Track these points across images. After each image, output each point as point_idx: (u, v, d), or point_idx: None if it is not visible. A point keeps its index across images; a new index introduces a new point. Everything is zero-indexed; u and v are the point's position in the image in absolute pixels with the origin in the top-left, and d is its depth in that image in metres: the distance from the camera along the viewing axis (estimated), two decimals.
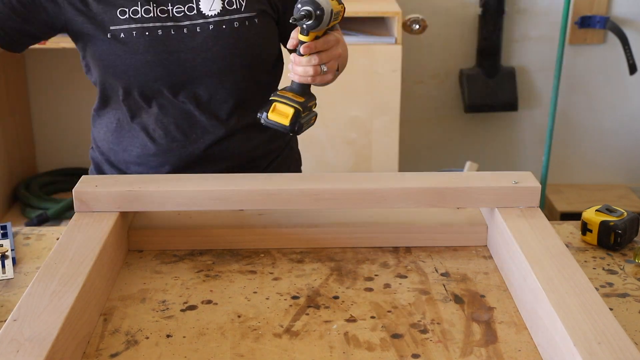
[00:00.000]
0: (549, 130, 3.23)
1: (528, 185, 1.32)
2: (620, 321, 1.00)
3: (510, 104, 3.44)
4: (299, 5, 1.28)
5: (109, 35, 1.48)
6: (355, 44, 2.90)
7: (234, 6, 1.51)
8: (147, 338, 1.09)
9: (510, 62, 3.46)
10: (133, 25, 1.48)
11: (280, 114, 1.34)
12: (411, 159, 3.58)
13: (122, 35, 1.48)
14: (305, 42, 1.33)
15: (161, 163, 1.57)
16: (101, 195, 1.29)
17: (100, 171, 1.66)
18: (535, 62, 3.46)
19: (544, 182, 3.27)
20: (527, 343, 1.09)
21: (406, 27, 3.10)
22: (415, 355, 1.05)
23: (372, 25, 3.11)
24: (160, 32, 1.48)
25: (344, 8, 1.37)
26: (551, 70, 3.37)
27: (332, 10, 1.30)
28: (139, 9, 1.48)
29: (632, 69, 3.26)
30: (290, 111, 1.34)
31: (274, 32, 1.59)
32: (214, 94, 1.54)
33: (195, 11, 1.50)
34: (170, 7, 1.49)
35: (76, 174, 3.32)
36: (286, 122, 1.34)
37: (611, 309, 1.05)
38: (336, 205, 1.32)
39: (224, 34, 1.50)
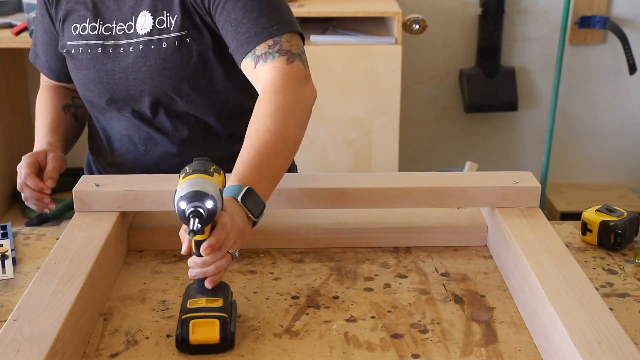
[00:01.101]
0: (549, 130, 3.23)
1: (528, 185, 1.32)
2: (620, 321, 1.00)
3: (510, 104, 3.44)
4: (181, 207, 1.03)
5: (64, 51, 1.51)
6: (355, 44, 2.90)
7: (164, 25, 1.43)
8: (147, 338, 1.09)
9: (510, 62, 3.46)
10: (80, 42, 1.49)
11: (204, 332, 1.05)
12: (411, 159, 3.58)
13: (72, 51, 1.50)
14: (202, 241, 1.07)
15: (119, 172, 1.57)
16: (101, 195, 1.29)
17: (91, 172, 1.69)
18: (535, 62, 3.47)
19: (544, 182, 3.27)
20: (527, 343, 1.08)
21: (406, 27, 3.10)
22: (415, 355, 1.05)
23: (372, 25, 3.11)
24: (99, 50, 1.47)
25: (224, 175, 1.14)
26: (551, 70, 3.37)
27: (219, 189, 1.07)
28: (87, 26, 1.48)
29: (632, 69, 3.26)
30: (215, 324, 1.05)
31: (209, 50, 1.45)
32: (155, 111, 1.50)
33: (133, 30, 1.46)
34: (114, 25, 1.47)
35: (76, 174, 3.30)
36: (216, 338, 1.05)
37: (611, 309, 1.05)
38: (336, 205, 1.32)
39: (152, 54, 1.44)
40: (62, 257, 1.15)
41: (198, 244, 1.07)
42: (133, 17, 1.46)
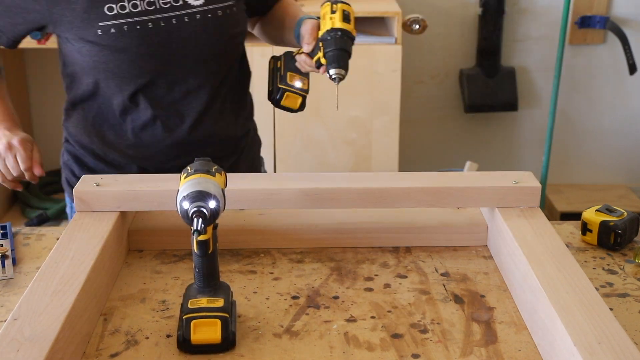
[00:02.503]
0: (549, 130, 3.23)
1: (528, 185, 1.32)
2: (620, 321, 1.00)
3: (510, 104, 3.44)
4: (184, 207, 1.05)
5: (99, 32, 1.49)
6: (355, 44, 2.90)
7: None
8: (147, 338, 1.09)
9: (510, 62, 3.46)
10: (123, 20, 1.49)
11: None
12: (411, 159, 3.58)
13: (112, 30, 1.48)
14: (206, 241, 1.09)
15: (147, 156, 1.62)
16: (101, 195, 1.30)
17: (82, 164, 1.70)
18: (535, 62, 3.47)
19: (544, 182, 3.27)
20: (527, 343, 1.09)
21: (406, 27, 3.10)
22: (415, 355, 1.05)
23: (372, 25, 3.11)
24: (150, 25, 1.49)
25: (226, 175, 1.19)
26: (551, 70, 3.37)
27: (222, 189, 1.11)
28: (127, 5, 1.49)
29: (632, 69, 3.26)
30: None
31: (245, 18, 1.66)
32: (201, 81, 1.58)
33: (181, 2, 1.51)
34: (156, 0, 1.50)
35: None
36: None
37: (611, 309, 1.05)
38: (336, 205, 1.32)
39: (211, 22, 1.53)
40: (62, 257, 1.15)
41: (201, 244, 1.07)
42: None
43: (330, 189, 1.31)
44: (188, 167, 1.10)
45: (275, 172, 3.01)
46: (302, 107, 1.63)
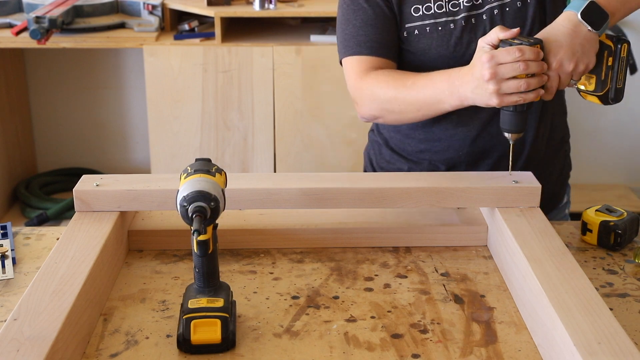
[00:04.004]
0: None
1: (528, 185, 1.32)
2: (620, 321, 1.00)
3: None
4: (184, 207, 1.05)
5: (405, 34, 1.51)
6: None
7: None
8: (147, 338, 1.09)
9: None
10: (427, 22, 1.49)
11: (206, 332, 1.06)
12: None
13: (416, 32, 1.50)
14: (205, 242, 1.08)
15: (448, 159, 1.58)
16: (101, 195, 1.30)
17: (379, 152, 1.68)
18: None
19: None
20: (527, 343, 1.09)
21: None
22: (415, 355, 1.05)
23: None
24: (452, 25, 1.49)
25: (225, 174, 1.16)
26: None
27: (222, 189, 1.10)
28: (432, 6, 1.49)
29: (632, 69, 3.26)
30: (217, 324, 1.06)
31: (546, 9, 1.51)
32: None
33: (481, 0, 1.49)
34: (460, 0, 1.49)
35: (76, 174, 3.32)
36: (217, 338, 1.06)
37: (611, 309, 1.05)
38: (336, 205, 1.32)
39: (510, 15, 1.49)
40: (62, 257, 1.15)
41: (202, 244, 1.07)
42: None
43: (330, 189, 1.31)
44: (188, 167, 1.11)
45: (275, 172, 3.01)
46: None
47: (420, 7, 1.50)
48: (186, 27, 2.99)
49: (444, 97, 1.39)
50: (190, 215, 1.04)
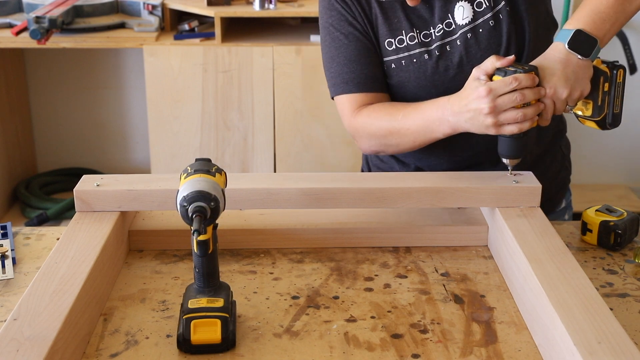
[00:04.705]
0: None
1: (528, 185, 1.32)
2: (620, 321, 1.00)
3: None
4: (184, 207, 1.05)
5: (384, 67, 1.50)
6: None
7: (482, 7, 1.46)
8: (147, 338, 1.09)
9: None
10: (402, 55, 1.49)
11: (206, 332, 1.06)
12: None
13: (393, 65, 1.49)
14: (205, 241, 1.09)
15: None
16: (102, 195, 1.30)
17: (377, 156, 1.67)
18: None
19: None
20: (527, 343, 1.09)
21: None
22: (415, 355, 1.05)
23: None
24: (426, 56, 1.48)
25: (225, 174, 1.16)
26: None
27: (222, 189, 1.11)
28: (405, 38, 1.48)
29: (632, 69, 3.26)
30: (217, 324, 1.06)
31: (522, 22, 1.47)
32: None
33: (453, 25, 1.47)
34: (432, 31, 1.48)
35: (76, 174, 3.32)
36: (217, 338, 1.06)
37: (611, 309, 1.05)
38: (336, 205, 1.32)
39: (484, 36, 1.46)
40: (62, 257, 1.15)
41: (201, 244, 1.07)
42: (449, 14, 1.47)
43: (330, 189, 1.31)
44: (188, 167, 1.11)
45: (275, 172, 3.01)
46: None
47: (393, 40, 1.49)
48: (186, 27, 2.99)
49: (434, 127, 1.40)
50: (190, 215, 1.04)
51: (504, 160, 1.37)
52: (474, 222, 1.38)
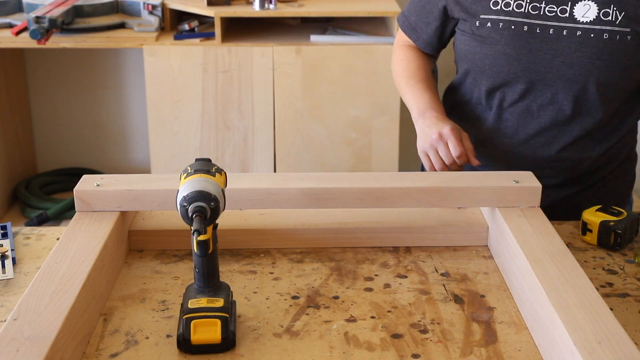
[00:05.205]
0: None
1: (528, 185, 1.32)
2: (620, 321, 1.00)
3: None
4: (184, 207, 1.05)
5: (477, 24, 1.53)
6: (355, 44, 2.90)
7: (609, 17, 1.46)
8: (147, 338, 1.09)
9: None
10: (502, 17, 1.51)
11: (206, 332, 1.05)
12: (411, 159, 3.58)
13: (488, 24, 1.52)
14: (205, 241, 1.08)
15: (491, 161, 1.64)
16: (102, 195, 1.30)
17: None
18: None
19: None
20: (527, 343, 1.09)
21: None
22: (415, 355, 1.05)
23: (372, 25, 3.11)
24: (525, 28, 1.49)
25: (226, 174, 1.16)
26: None
27: (222, 189, 1.11)
28: (512, 3, 1.50)
29: None
30: (217, 324, 1.06)
31: None
32: (561, 99, 1.52)
33: (567, 14, 1.48)
34: (543, 5, 1.49)
35: (76, 174, 3.32)
36: (217, 338, 1.05)
37: (611, 309, 1.05)
38: (336, 205, 1.32)
39: (590, 43, 1.46)
40: (62, 257, 1.15)
41: (201, 244, 1.07)
42: (569, 2, 1.48)
43: (330, 189, 1.31)
44: (188, 167, 1.11)
45: (275, 172, 3.01)
46: None
47: (499, 1, 1.51)
48: (186, 27, 2.99)
49: (412, 112, 1.64)
50: (190, 215, 1.04)
51: None
52: (474, 222, 1.38)
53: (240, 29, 3.10)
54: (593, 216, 1.37)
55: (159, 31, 2.98)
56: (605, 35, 1.46)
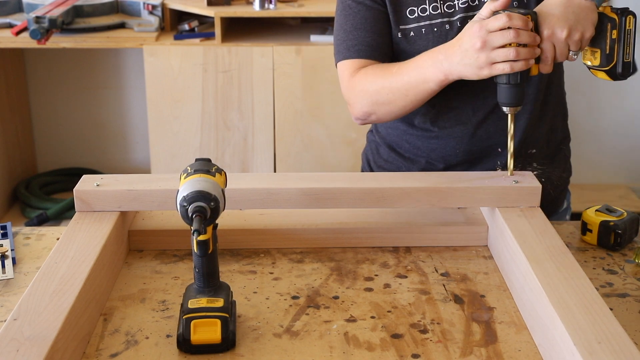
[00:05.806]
0: None
1: (528, 185, 1.32)
2: (620, 321, 1.00)
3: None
4: (184, 207, 1.06)
5: (399, 35, 1.52)
6: None
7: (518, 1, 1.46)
8: (147, 338, 1.09)
9: None
10: (422, 23, 1.50)
11: (206, 332, 1.06)
12: None
13: (412, 33, 1.51)
14: (206, 241, 1.09)
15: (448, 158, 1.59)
16: (102, 195, 1.30)
17: (377, 152, 1.69)
18: None
19: None
20: (527, 343, 1.09)
21: None
22: (415, 355, 1.05)
23: None
24: (447, 26, 1.50)
25: (225, 174, 1.16)
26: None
27: (222, 189, 1.11)
28: (427, 7, 1.50)
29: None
30: (217, 324, 1.06)
31: None
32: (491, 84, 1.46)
33: (477, 2, 1.49)
34: (455, 2, 1.50)
35: (76, 174, 3.32)
36: (217, 338, 1.06)
37: (611, 309, 1.05)
38: (336, 205, 1.32)
39: None
40: (62, 257, 1.15)
41: (201, 244, 1.07)
42: None
43: (330, 189, 1.31)
44: (188, 167, 1.11)
45: (275, 172, 3.01)
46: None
47: (415, 9, 1.51)
48: (186, 27, 2.99)
49: (428, 74, 1.39)
50: (190, 215, 1.04)
51: (504, 109, 1.35)
52: (474, 222, 1.38)
53: (240, 29, 3.10)
54: (593, 216, 1.37)
55: (159, 31, 2.98)
56: (515, 4, 1.46)
